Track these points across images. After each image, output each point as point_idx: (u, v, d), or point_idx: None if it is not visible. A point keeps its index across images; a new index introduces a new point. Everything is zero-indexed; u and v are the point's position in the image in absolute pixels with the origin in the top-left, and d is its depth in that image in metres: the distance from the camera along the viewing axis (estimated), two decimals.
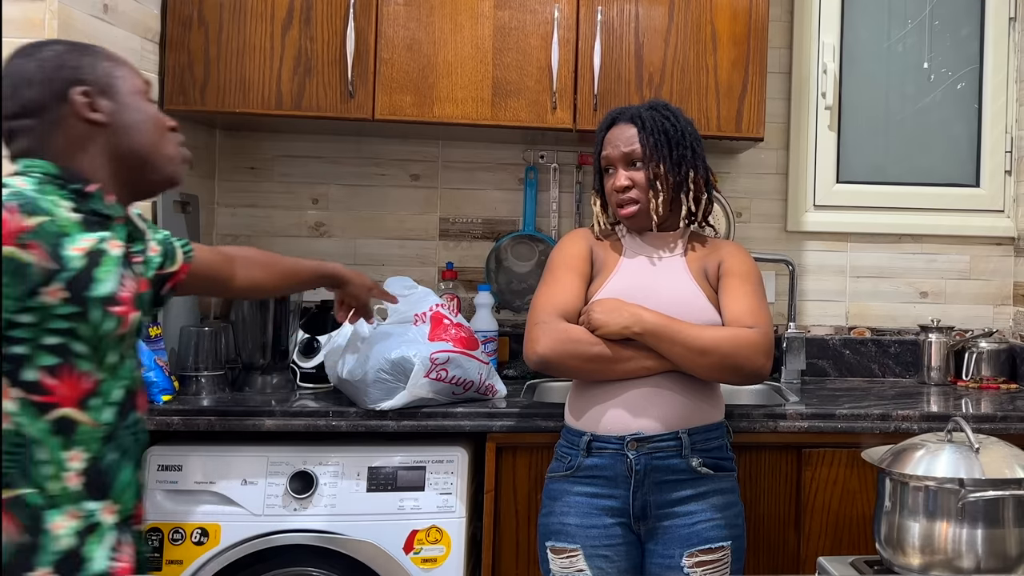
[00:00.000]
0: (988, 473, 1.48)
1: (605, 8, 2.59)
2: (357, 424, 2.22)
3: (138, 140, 1.50)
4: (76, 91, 1.44)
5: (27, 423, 1.37)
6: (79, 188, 1.44)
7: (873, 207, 3.05)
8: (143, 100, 1.52)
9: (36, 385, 1.37)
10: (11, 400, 1.36)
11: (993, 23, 3.09)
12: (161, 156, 1.53)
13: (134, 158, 1.50)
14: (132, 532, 1.50)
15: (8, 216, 1.31)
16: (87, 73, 1.47)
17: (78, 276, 1.39)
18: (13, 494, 1.36)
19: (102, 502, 1.43)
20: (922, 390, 2.79)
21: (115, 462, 1.46)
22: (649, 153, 2.02)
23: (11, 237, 1.31)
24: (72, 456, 1.40)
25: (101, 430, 1.43)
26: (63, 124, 1.45)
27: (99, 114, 1.46)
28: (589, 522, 1.97)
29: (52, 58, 1.46)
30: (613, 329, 1.95)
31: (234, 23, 2.49)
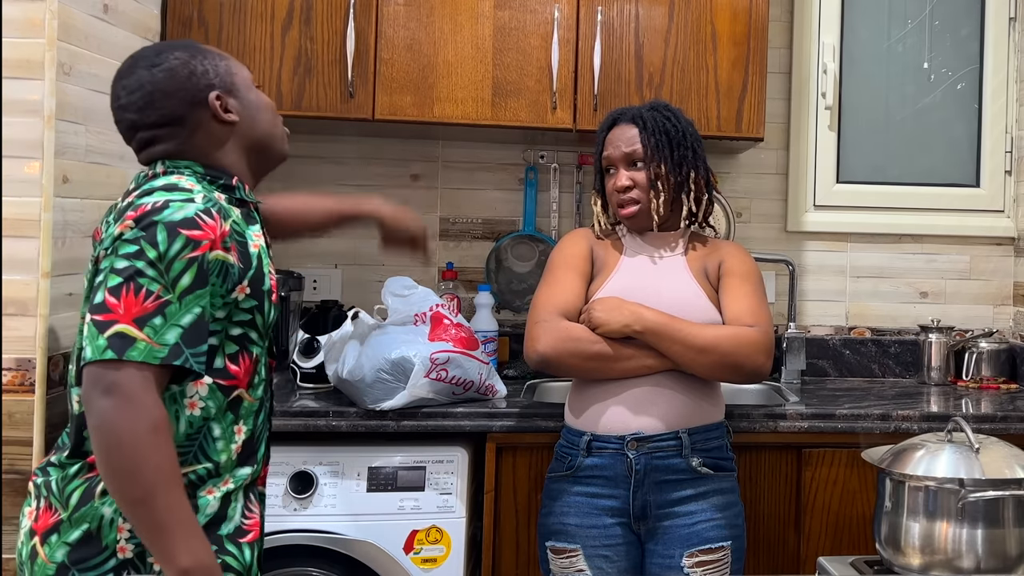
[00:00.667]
0: (988, 473, 1.47)
1: (605, 8, 2.59)
2: (357, 424, 2.22)
3: (261, 129, 1.64)
4: (213, 96, 1.56)
5: (212, 405, 1.49)
6: (226, 183, 1.57)
7: (873, 207, 3.05)
8: (255, 90, 1.65)
9: (223, 371, 1.50)
10: (203, 386, 1.47)
11: (993, 23, 3.09)
12: (277, 138, 1.68)
13: (260, 146, 1.64)
14: (258, 492, 1.61)
15: (214, 223, 1.44)
16: (214, 77, 1.58)
17: (256, 273, 1.53)
18: (184, 471, 1.46)
19: (251, 469, 1.56)
20: (922, 390, 2.79)
21: (261, 432, 1.60)
22: (650, 153, 2.03)
23: (219, 242, 1.44)
24: (238, 430, 1.54)
25: (256, 404, 1.57)
26: (203, 127, 1.56)
27: (231, 114, 1.59)
28: (589, 522, 1.97)
29: (180, 67, 1.56)
30: (614, 327, 1.95)
31: (234, 23, 2.49)
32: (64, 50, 1.96)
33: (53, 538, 1.45)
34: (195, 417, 1.47)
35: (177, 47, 1.59)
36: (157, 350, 1.36)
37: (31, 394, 1.88)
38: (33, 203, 1.90)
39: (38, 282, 1.90)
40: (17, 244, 1.89)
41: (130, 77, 1.56)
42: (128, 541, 1.45)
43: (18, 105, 1.89)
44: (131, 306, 1.36)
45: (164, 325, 1.37)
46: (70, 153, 2.00)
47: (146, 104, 1.54)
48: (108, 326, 1.36)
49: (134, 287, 1.37)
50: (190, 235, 1.40)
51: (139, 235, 1.39)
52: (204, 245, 1.41)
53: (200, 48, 1.61)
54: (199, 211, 1.43)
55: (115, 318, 1.36)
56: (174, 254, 1.39)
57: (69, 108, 1.99)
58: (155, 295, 1.37)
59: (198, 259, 1.40)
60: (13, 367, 1.88)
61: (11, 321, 1.88)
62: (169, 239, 1.39)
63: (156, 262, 1.38)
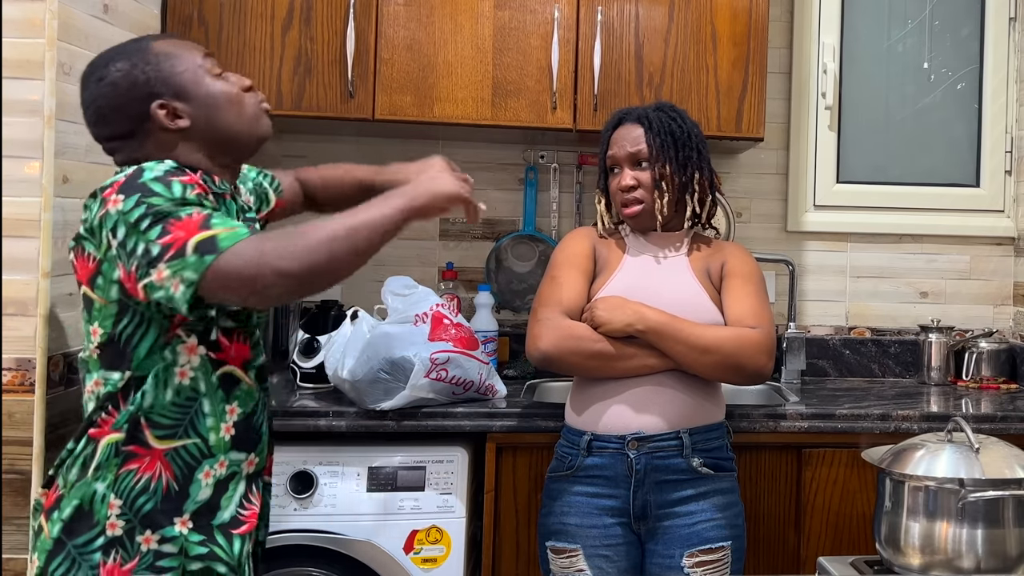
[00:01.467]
0: (988, 473, 1.47)
1: (605, 8, 2.59)
2: (357, 424, 2.22)
3: (222, 124, 1.58)
4: (155, 107, 1.53)
5: (201, 377, 1.52)
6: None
7: (873, 207, 3.05)
8: (211, 79, 1.58)
9: (215, 344, 1.53)
10: (196, 355, 1.51)
11: (993, 23, 3.09)
12: (243, 125, 1.61)
13: (224, 140, 1.59)
14: (262, 483, 1.64)
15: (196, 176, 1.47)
16: (157, 84, 1.54)
17: None
18: (174, 445, 1.50)
19: (248, 455, 1.58)
20: (922, 390, 2.79)
21: (260, 420, 1.61)
22: (655, 154, 2.03)
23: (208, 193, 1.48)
24: (230, 410, 1.55)
25: (255, 390, 1.59)
26: (153, 136, 1.55)
27: (182, 120, 1.55)
28: (589, 522, 1.97)
29: (121, 79, 1.54)
30: (616, 326, 1.95)
31: (234, 23, 2.49)
32: (64, 50, 1.96)
33: (55, 514, 1.50)
34: (183, 386, 1.50)
35: (121, 55, 1.56)
36: (239, 231, 1.39)
37: (31, 394, 1.88)
38: (33, 203, 1.90)
39: (38, 282, 1.89)
40: (17, 244, 1.88)
41: (84, 91, 1.58)
42: (119, 518, 1.47)
43: (18, 105, 1.89)
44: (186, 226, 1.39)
45: (224, 220, 1.40)
46: (70, 153, 1.99)
47: (97, 120, 1.57)
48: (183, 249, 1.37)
49: (173, 219, 1.39)
50: (182, 180, 1.43)
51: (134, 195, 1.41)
52: (198, 188, 1.44)
53: (144, 51, 1.56)
54: (174, 167, 1.47)
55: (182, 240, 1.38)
56: (181, 193, 1.42)
57: (69, 108, 1.98)
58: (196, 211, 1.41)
59: (203, 195, 1.44)
60: (13, 367, 1.88)
61: (11, 321, 1.88)
62: (167, 186, 1.42)
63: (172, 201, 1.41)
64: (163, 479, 1.49)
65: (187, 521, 1.50)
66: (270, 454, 1.67)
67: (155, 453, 1.49)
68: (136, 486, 1.48)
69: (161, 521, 1.49)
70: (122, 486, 1.48)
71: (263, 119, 1.64)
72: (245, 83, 1.63)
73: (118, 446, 1.49)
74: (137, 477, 1.48)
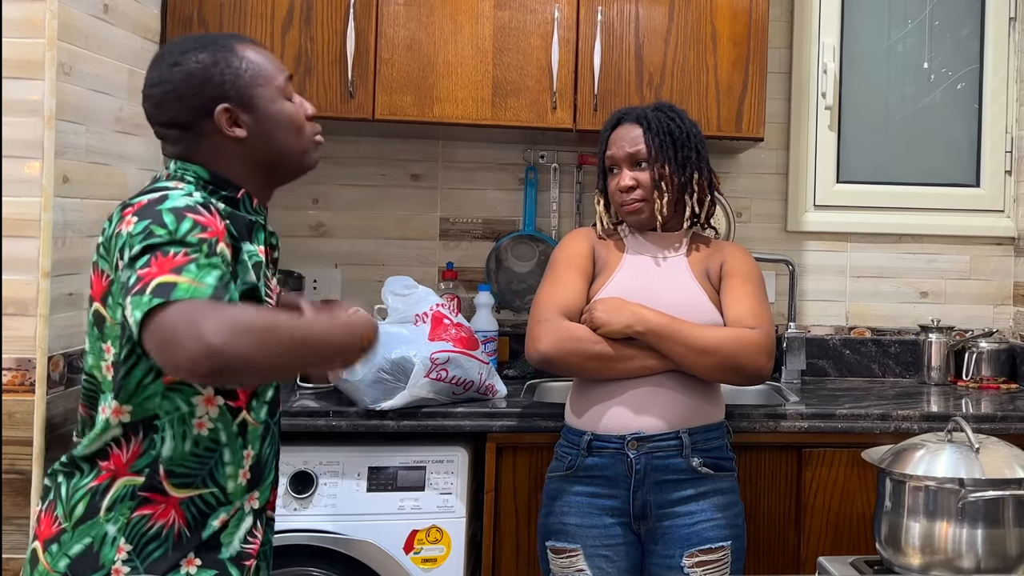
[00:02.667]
0: (988, 473, 1.47)
1: (605, 8, 2.59)
2: (357, 424, 2.22)
3: (275, 146, 1.54)
4: (219, 110, 1.49)
5: (222, 428, 1.47)
6: (230, 195, 1.51)
7: (873, 207, 3.05)
8: (282, 101, 1.55)
9: (232, 393, 1.47)
10: (215, 407, 1.46)
11: (993, 23, 3.09)
12: (296, 153, 1.57)
13: (273, 163, 1.55)
14: (265, 518, 1.58)
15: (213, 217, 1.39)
16: (230, 89, 1.50)
17: (251, 290, 1.45)
18: (191, 494, 1.45)
19: (252, 491, 1.53)
20: (922, 390, 2.79)
21: (268, 456, 1.57)
22: (654, 154, 2.03)
23: (223, 236, 1.38)
24: (247, 454, 1.51)
25: (260, 428, 1.54)
26: (208, 137, 1.50)
27: (240, 130, 1.51)
28: (589, 522, 1.97)
29: (198, 71, 1.49)
30: (615, 328, 1.95)
31: (234, 23, 2.49)
32: (64, 50, 1.96)
33: (54, 547, 1.43)
34: (202, 437, 1.45)
35: (205, 48, 1.52)
36: (201, 288, 1.29)
37: (31, 394, 1.88)
38: (33, 203, 1.90)
39: (38, 282, 1.89)
40: (17, 244, 1.88)
41: (154, 70, 1.52)
42: (124, 563, 1.42)
43: (18, 105, 1.89)
44: (162, 264, 1.31)
45: (200, 273, 1.31)
46: (70, 153, 1.99)
47: (159, 102, 1.51)
48: (146, 287, 1.29)
49: (159, 254, 1.32)
50: (196, 219, 1.36)
51: (145, 222, 1.35)
52: (211, 231, 1.36)
53: (230, 49, 1.52)
54: (199, 203, 1.40)
55: (152, 276, 1.30)
56: (185, 232, 1.34)
57: (69, 108, 1.98)
58: (183, 254, 1.32)
59: (208, 240, 1.35)
60: (13, 367, 1.88)
61: (11, 321, 1.88)
62: (177, 220, 1.35)
63: (171, 237, 1.34)
64: (175, 526, 1.44)
65: (194, 559, 1.45)
66: (274, 488, 1.61)
67: (171, 501, 1.44)
68: (148, 532, 1.43)
69: (167, 566, 1.43)
70: (134, 531, 1.43)
71: (313, 152, 1.60)
72: (309, 111, 1.59)
73: (135, 490, 1.43)
74: (150, 524, 1.43)
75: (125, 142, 2.25)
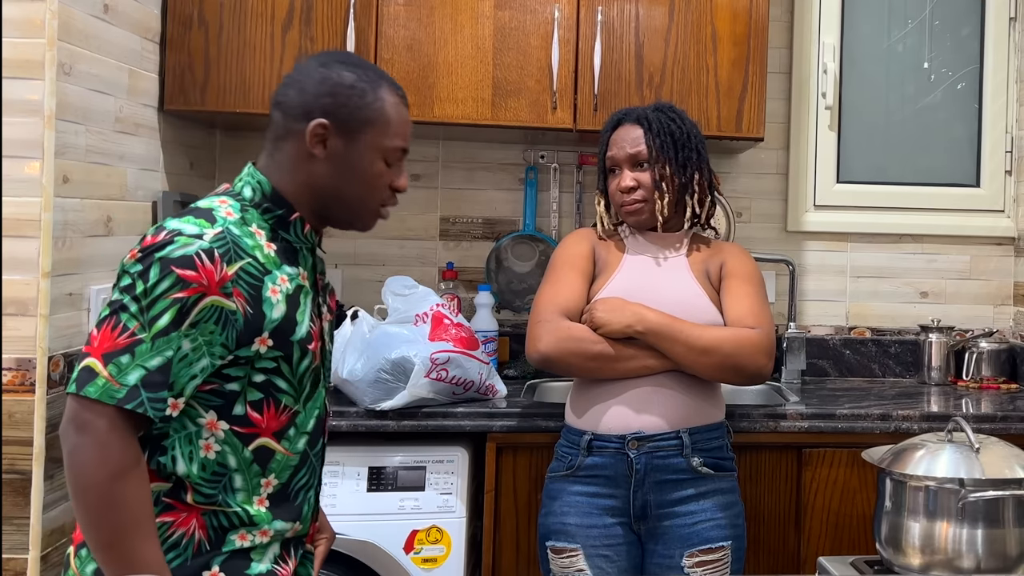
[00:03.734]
0: (988, 473, 1.47)
1: (605, 8, 2.59)
2: (357, 424, 2.22)
3: (341, 187, 1.49)
4: (316, 122, 1.45)
5: (230, 452, 1.43)
6: (281, 215, 1.47)
7: (873, 207, 3.05)
8: (378, 158, 1.50)
9: (243, 419, 1.43)
10: (219, 430, 1.42)
11: (993, 23, 3.09)
12: (360, 209, 1.52)
13: (330, 198, 1.50)
14: (302, 549, 1.54)
15: (213, 267, 1.36)
16: (343, 112, 1.47)
17: (282, 323, 1.42)
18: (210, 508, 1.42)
19: (292, 523, 1.49)
20: (922, 390, 2.79)
21: (304, 486, 1.51)
22: (655, 155, 2.03)
23: (217, 287, 1.36)
24: (266, 483, 1.46)
25: (295, 459, 1.48)
26: (293, 142, 1.48)
27: (321, 149, 1.47)
28: (589, 522, 1.97)
29: (337, 81, 1.48)
30: (615, 328, 1.95)
31: (234, 23, 2.49)
32: (64, 50, 1.96)
33: (84, 552, 1.43)
34: (209, 460, 1.41)
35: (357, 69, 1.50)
36: (116, 390, 1.31)
37: (31, 394, 1.88)
38: (33, 203, 1.90)
39: (38, 282, 1.89)
40: (17, 244, 1.88)
41: (303, 66, 1.52)
42: None
43: (18, 105, 1.89)
44: (104, 340, 1.33)
45: (130, 364, 1.32)
46: (70, 153, 1.99)
47: (288, 86, 1.50)
48: (84, 358, 1.33)
49: (114, 321, 1.33)
50: (182, 274, 1.34)
51: (137, 268, 1.35)
52: (193, 288, 1.34)
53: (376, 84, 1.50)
54: (202, 250, 1.36)
55: (90, 351, 1.33)
56: (159, 292, 1.33)
57: (69, 108, 1.98)
58: (130, 332, 1.32)
59: (182, 301, 1.33)
60: (13, 367, 1.88)
61: (11, 321, 1.88)
62: (160, 275, 1.34)
63: (140, 297, 1.33)
64: (196, 537, 1.41)
65: (218, 572, 1.42)
66: (314, 521, 1.56)
67: (193, 511, 1.42)
68: (168, 540, 1.40)
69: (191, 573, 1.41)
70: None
71: (372, 218, 1.55)
72: (399, 184, 1.54)
73: (160, 495, 1.41)
74: (171, 531, 1.41)
75: (125, 142, 2.25)
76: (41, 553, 1.89)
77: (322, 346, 1.54)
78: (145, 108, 2.38)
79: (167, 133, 2.49)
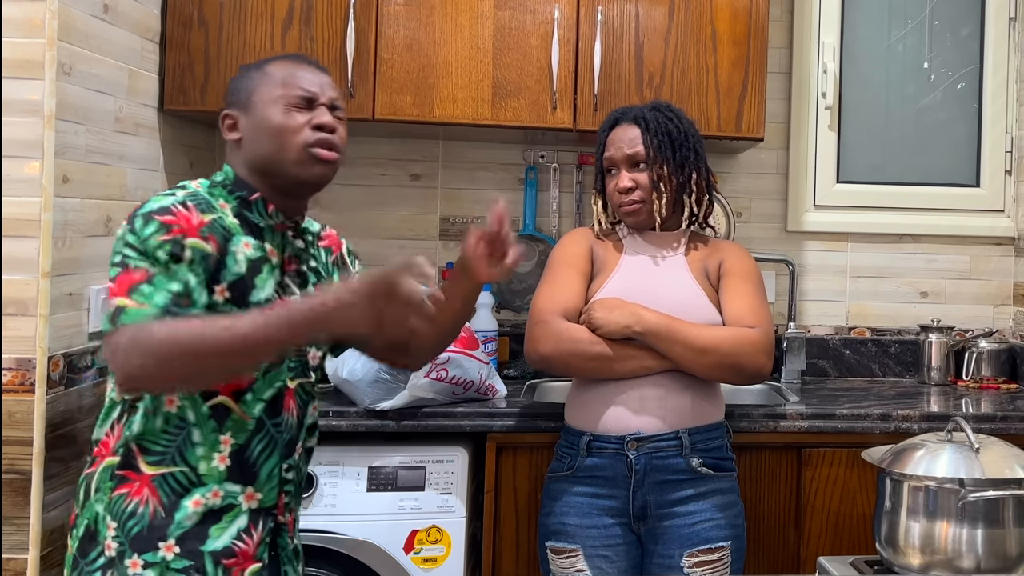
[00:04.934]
0: (988, 473, 1.47)
1: (605, 8, 2.59)
2: (357, 424, 2.22)
3: (260, 151, 1.59)
4: (222, 115, 1.63)
5: (190, 407, 1.52)
6: (243, 196, 1.60)
7: (873, 207, 3.05)
8: (276, 110, 1.58)
9: None
10: None
11: (993, 23, 3.09)
12: (284, 159, 1.58)
13: (263, 167, 1.60)
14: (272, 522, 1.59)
15: (189, 214, 1.50)
16: (235, 96, 1.62)
17: (240, 280, 1.53)
18: (163, 471, 1.51)
19: (245, 487, 1.55)
20: (922, 390, 2.79)
21: (261, 454, 1.57)
22: (653, 155, 2.02)
23: (196, 230, 1.49)
24: (224, 440, 1.54)
25: (251, 423, 1.55)
26: (225, 140, 1.64)
27: (235, 133, 1.62)
28: (589, 522, 1.97)
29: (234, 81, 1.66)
30: (614, 328, 1.95)
31: (234, 23, 2.49)
32: (64, 50, 1.96)
33: (72, 531, 1.55)
34: (171, 415, 1.51)
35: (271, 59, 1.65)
36: (146, 311, 1.42)
37: (31, 394, 1.88)
38: (33, 203, 1.90)
39: (38, 282, 1.89)
40: (17, 244, 1.88)
41: None
42: (113, 539, 1.50)
43: (18, 105, 1.89)
44: (122, 283, 1.45)
45: (153, 291, 1.44)
46: (70, 153, 1.99)
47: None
48: (111, 304, 1.45)
49: (125, 268, 1.46)
50: (163, 220, 1.48)
51: (126, 229, 1.49)
52: (175, 230, 1.47)
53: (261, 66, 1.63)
54: (176, 202, 1.51)
55: (115, 295, 1.45)
56: (149, 235, 1.46)
57: (69, 108, 1.98)
58: (143, 270, 1.45)
59: (171, 240, 1.47)
60: (13, 367, 1.88)
61: (11, 321, 1.88)
62: (144, 224, 1.48)
63: (136, 245, 1.47)
64: (150, 504, 1.50)
65: (173, 546, 1.49)
66: (282, 492, 1.61)
67: (144, 479, 1.51)
68: (126, 509, 1.50)
69: (146, 546, 1.49)
70: (115, 509, 1.51)
71: (306, 163, 1.58)
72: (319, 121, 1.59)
73: (113, 469, 1.52)
74: (128, 501, 1.50)
75: (125, 142, 2.25)
76: (41, 553, 1.89)
77: None
78: (145, 108, 2.38)
79: (167, 133, 2.49)
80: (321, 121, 1.59)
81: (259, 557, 1.56)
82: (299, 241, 1.68)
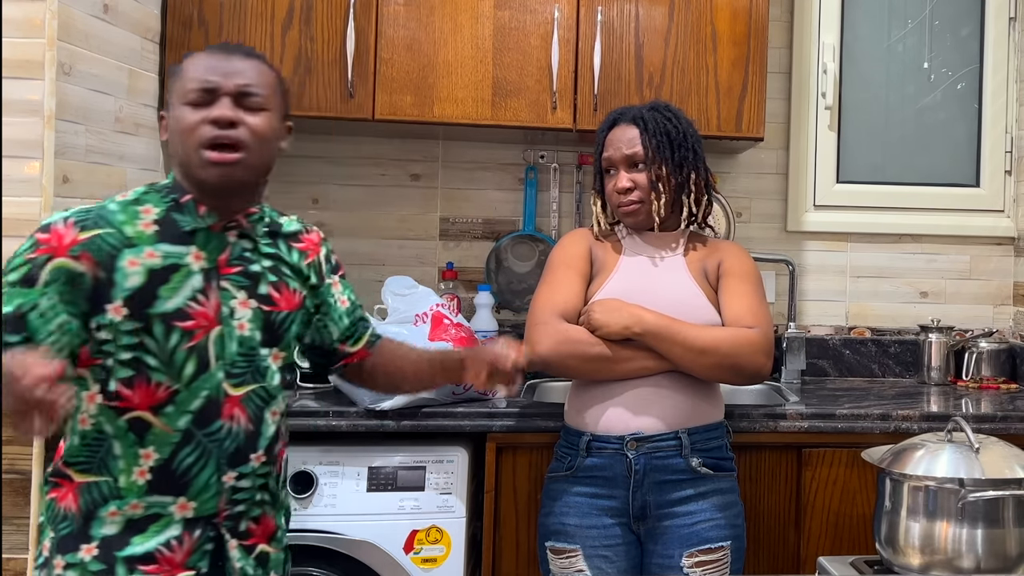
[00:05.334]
0: (988, 473, 1.48)
1: (605, 8, 2.59)
2: (357, 424, 2.22)
3: (175, 152, 1.56)
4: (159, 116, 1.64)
5: (105, 422, 1.51)
6: (176, 198, 1.56)
7: (873, 207, 3.05)
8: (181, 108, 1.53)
9: (115, 394, 1.51)
10: (94, 404, 1.51)
11: (993, 23, 3.09)
12: (190, 164, 1.53)
13: (181, 168, 1.57)
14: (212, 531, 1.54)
15: (63, 231, 1.48)
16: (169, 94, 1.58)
17: (137, 293, 1.48)
18: (89, 480, 1.51)
19: (176, 498, 1.52)
20: (922, 390, 2.79)
21: (194, 465, 1.53)
22: (651, 155, 2.02)
23: (65, 250, 1.46)
24: (145, 454, 1.51)
25: (176, 435, 1.52)
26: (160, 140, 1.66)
27: (164, 134, 1.59)
28: (589, 522, 1.97)
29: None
30: (613, 329, 1.95)
31: (234, 23, 2.49)
32: (64, 50, 1.96)
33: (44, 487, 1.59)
34: (88, 432, 1.52)
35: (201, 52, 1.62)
36: None
37: None
38: (33, 203, 1.90)
39: None
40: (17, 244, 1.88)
41: None
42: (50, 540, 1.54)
43: (18, 105, 1.89)
44: None
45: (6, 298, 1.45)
46: (70, 153, 2.00)
47: None
48: None
49: None
50: (38, 238, 1.48)
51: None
52: (41, 249, 1.46)
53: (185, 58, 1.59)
54: (62, 219, 1.50)
55: None
56: (19, 252, 1.48)
57: (69, 108, 1.99)
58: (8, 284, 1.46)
59: (32, 261, 1.46)
60: None
61: None
62: (28, 240, 1.49)
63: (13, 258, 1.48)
64: (72, 510, 1.52)
65: (93, 549, 1.50)
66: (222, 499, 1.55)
67: (72, 486, 1.52)
68: (58, 514, 1.53)
69: (71, 547, 1.51)
70: (51, 513, 1.54)
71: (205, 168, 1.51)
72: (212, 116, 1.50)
73: (48, 476, 1.56)
74: (58, 506, 1.53)
75: (125, 142, 2.25)
76: None
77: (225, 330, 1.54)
78: (145, 108, 2.38)
79: None
80: (212, 115, 1.49)
81: (191, 565, 1.52)
82: (246, 241, 1.59)
